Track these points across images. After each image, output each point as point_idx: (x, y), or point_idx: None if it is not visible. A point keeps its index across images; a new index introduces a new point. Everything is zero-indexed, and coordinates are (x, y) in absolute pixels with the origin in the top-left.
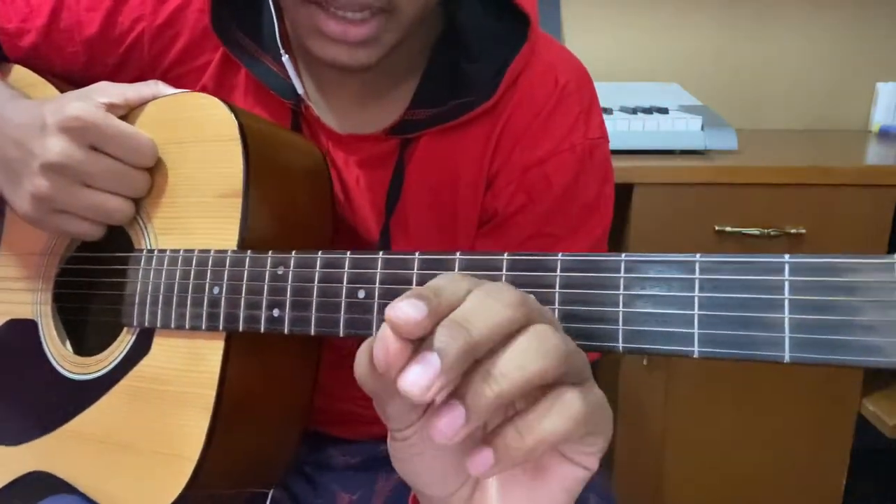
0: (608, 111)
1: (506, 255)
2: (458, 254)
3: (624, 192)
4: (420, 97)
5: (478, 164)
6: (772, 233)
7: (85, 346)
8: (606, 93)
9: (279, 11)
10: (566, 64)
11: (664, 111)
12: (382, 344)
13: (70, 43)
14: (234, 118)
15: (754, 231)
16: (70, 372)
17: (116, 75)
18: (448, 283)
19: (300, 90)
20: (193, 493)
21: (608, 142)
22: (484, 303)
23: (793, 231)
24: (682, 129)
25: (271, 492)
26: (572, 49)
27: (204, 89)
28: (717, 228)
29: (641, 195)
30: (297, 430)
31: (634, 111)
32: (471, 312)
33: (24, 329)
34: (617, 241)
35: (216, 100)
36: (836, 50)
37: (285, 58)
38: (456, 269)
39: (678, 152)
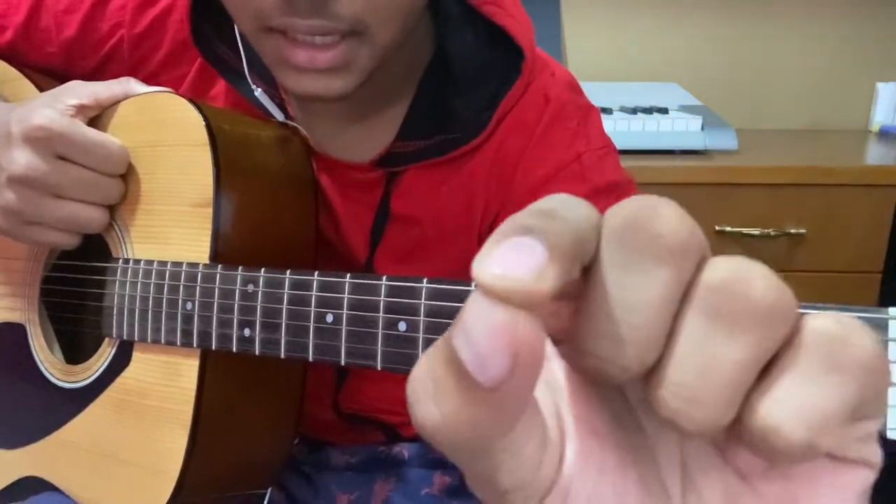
0: (608, 111)
1: (474, 284)
2: (424, 280)
3: None
4: (407, 129)
5: (470, 198)
6: (772, 233)
7: (74, 351)
8: (606, 93)
9: (246, 41)
10: (557, 79)
11: (664, 111)
12: (475, 326)
13: (48, 43)
14: (202, 121)
15: (754, 231)
16: (58, 379)
17: (95, 77)
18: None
19: (280, 118)
20: (180, 502)
21: (616, 150)
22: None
23: (793, 231)
24: (682, 129)
25: (268, 493)
26: (572, 49)
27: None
28: (717, 229)
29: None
30: (287, 435)
31: (634, 111)
32: None
33: (14, 334)
34: None
35: (186, 101)
36: (836, 50)
37: (258, 91)
38: (423, 298)
39: (678, 152)
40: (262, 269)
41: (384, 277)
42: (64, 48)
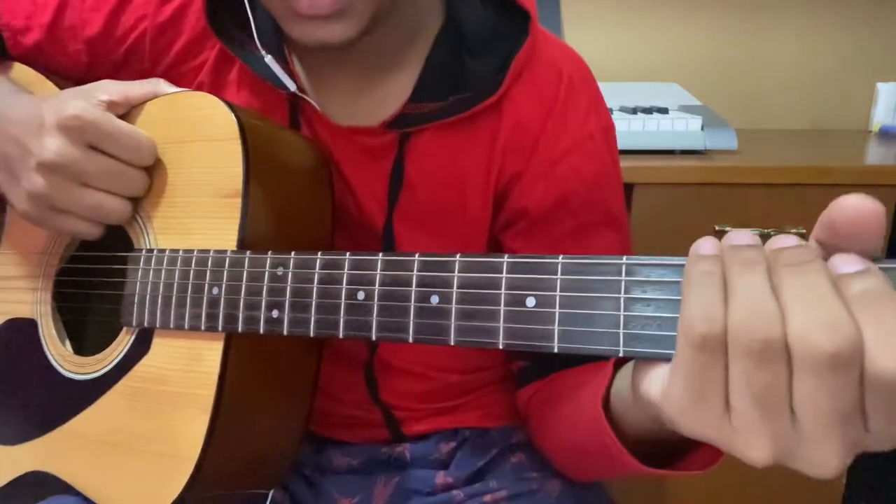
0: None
1: (506, 257)
2: (458, 256)
3: (624, 192)
4: (420, 91)
5: (486, 160)
6: (772, 233)
7: (85, 345)
8: (606, 93)
9: (255, 9)
10: (566, 56)
11: (664, 111)
12: None
13: (73, 41)
14: (234, 117)
15: (754, 231)
16: (69, 372)
17: (117, 73)
18: None
19: (291, 87)
20: (193, 493)
21: (614, 126)
22: None
23: (793, 231)
24: (682, 129)
25: (271, 494)
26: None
27: (200, 86)
28: (717, 228)
29: (641, 195)
30: (298, 430)
31: (634, 111)
32: None
33: (25, 328)
34: None
35: (216, 99)
36: (836, 50)
37: (268, 58)
38: (456, 272)
39: (678, 152)
40: (293, 252)
41: (417, 254)
42: (89, 45)
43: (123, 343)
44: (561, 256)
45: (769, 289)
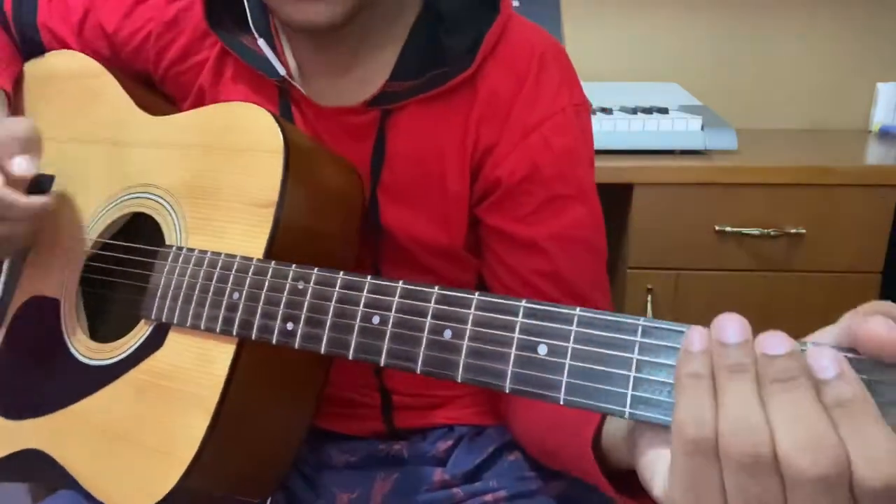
0: (608, 111)
1: (524, 301)
2: (476, 294)
3: (624, 192)
4: (399, 70)
5: (462, 133)
6: (772, 233)
7: (103, 332)
8: (606, 93)
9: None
10: (539, 35)
11: (664, 111)
12: None
13: (97, 38)
14: (280, 131)
15: (754, 231)
16: (83, 356)
17: (128, 70)
18: None
19: (281, 71)
20: (181, 494)
21: (589, 106)
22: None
23: (793, 231)
24: (682, 129)
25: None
26: (572, 49)
27: (201, 87)
28: (717, 228)
29: (641, 195)
30: (296, 442)
31: (634, 111)
32: None
33: (47, 307)
34: (617, 242)
35: (265, 111)
36: (836, 50)
37: (261, 41)
38: (472, 309)
39: (678, 152)
40: (315, 268)
41: (436, 287)
42: (109, 42)
43: (139, 335)
44: (578, 308)
45: (757, 401)
